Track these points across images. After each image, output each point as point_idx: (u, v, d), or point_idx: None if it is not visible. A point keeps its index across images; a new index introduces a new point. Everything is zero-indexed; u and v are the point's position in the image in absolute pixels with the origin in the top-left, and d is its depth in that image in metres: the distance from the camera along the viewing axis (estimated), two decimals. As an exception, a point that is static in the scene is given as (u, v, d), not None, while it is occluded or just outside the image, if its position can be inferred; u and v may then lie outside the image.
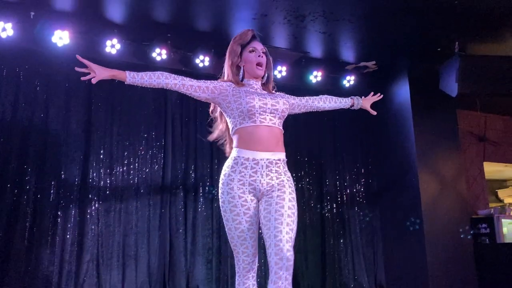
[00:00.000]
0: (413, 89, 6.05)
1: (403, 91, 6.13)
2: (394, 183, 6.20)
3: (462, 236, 5.94)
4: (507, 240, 6.36)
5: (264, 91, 2.60)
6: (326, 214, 6.19)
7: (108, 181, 5.18)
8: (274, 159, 2.44)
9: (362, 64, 6.11)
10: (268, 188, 2.41)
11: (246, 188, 2.41)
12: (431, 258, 5.60)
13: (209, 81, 2.54)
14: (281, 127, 2.55)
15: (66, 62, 5.03)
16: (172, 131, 5.58)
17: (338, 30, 5.26)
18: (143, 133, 5.41)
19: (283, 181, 2.44)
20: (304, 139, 6.28)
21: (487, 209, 6.96)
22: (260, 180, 2.40)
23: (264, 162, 2.41)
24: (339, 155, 6.46)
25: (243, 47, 2.60)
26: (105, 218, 5.06)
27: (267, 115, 2.47)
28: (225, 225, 2.49)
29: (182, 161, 5.55)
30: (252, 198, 2.43)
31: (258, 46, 2.61)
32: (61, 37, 4.82)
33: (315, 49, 5.75)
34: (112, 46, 5.07)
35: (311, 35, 5.38)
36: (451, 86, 5.46)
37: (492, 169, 8.06)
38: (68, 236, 4.88)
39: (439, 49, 5.60)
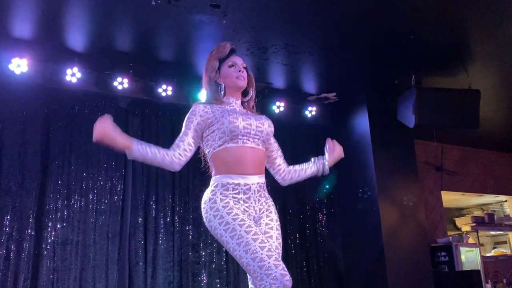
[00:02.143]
0: (372, 120, 6.20)
1: (362, 122, 6.27)
2: (356, 213, 6.26)
3: (422, 264, 6.02)
4: (465, 268, 6.50)
5: (245, 110, 2.44)
6: (290, 244, 6.16)
7: (66, 213, 5.01)
8: (261, 182, 2.30)
9: (323, 95, 6.25)
10: (260, 216, 2.27)
11: (242, 213, 2.18)
12: (393, 286, 5.64)
13: (191, 129, 2.31)
14: (263, 149, 2.39)
15: (24, 90, 4.92)
16: (132, 161, 5.47)
17: (299, 62, 5.38)
18: (102, 162, 5.29)
19: (270, 206, 2.32)
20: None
21: (445, 237, 7.13)
22: (254, 207, 2.25)
23: (255, 187, 2.25)
24: (301, 184, 6.44)
25: (221, 61, 2.43)
26: (62, 252, 4.86)
27: (250, 137, 2.29)
28: (224, 237, 2.08)
29: (142, 192, 5.43)
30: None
31: (238, 60, 2.45)
32: (19, 65, 4.72)
33: (278, 80, 5.84)
34: (73, 74, 4.99)
35: (273, 66, 5.48)
36: (409, 117, 5.64)
37: (450, 198, 8.29)
38: (21, 271, 4.65)
39: (396, 82, 5.80)
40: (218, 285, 5.54)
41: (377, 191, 5.96)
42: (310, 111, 6.35)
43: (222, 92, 2.41)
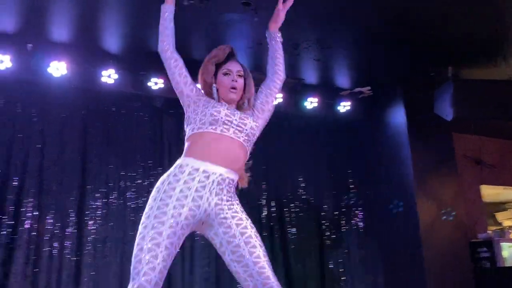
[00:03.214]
0: (409, 114, 6.07)
1: (398, 116, 6.16)
2: (392, 208, 6.17)
3: (462, 260, 5.88)
4: (507, 264, 6.30)
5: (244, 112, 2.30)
6: (325, 241, 6.13)
7: (105, 211, 5.14)
8: (228, 177, 2.09)
9: (357, 90, 6.16)
10: (217, 212, 2.04)
11: (187, 203, 1.99)
12: (432, 285, 5.53)
13: (189, 77, 2.32)
14: (247, 148, 2.21)
15: (63, 92, 5.07)
16: (168, 161, 5.56)
17: (332, 57, 5.33)
18: (139, 162, 5.40)
19: (233, 205, 2.10)
20: (299, 167, 6.27)
21: (486, 233, 6.92)
22: (208, 198, 2.02)
23: (216, 178, 2.05)
24: (336, 180, 6.44)
25: (218, 66, 2.33)
26: (102, 248, 5.00)
27: (231, 127, 2.15)
28: (141, 225, 2.01)
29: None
30: (189, 217, 1.99)
31: (234, 67, 2.32)
32: (58, 68, 4.86)
33: (310, 75, 5.80)
34: (109, 76, 5.10)
35: (305, 62, 5.44)
36: (446, 110, 5.50)
37: (490, 192, 8.04)
38: (64, 268, 4.81)
39: (433, 74, 5.66)
40: (254, 281, 5.56)
41: (414, 186, 5.85)
42: (344, 106, 6.28)
43: (216, 96, 2.30)
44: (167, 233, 1.93)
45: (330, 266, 6.03)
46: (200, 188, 2.02)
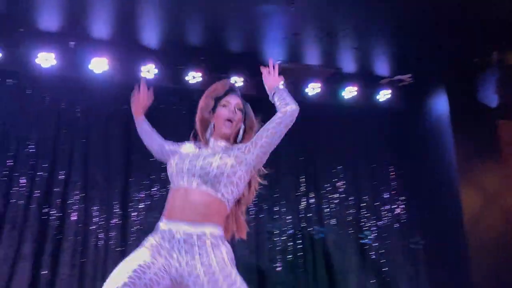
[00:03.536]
0: (451, 101, 5.89)
1: (440, 104, 5.99)
2: (435, 197, 6.03)
3: (509, 251, 5.69)
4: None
5: (224, 150, 2.15)
6: (367, 233, 6.06)
7: (148, 202, 5.27)
8: (195, 233, 1.92)
9: (397, 77, 6.03)
10: (189, 270, 1.89)
11: (161, 260, 1.91)
12: (477, 278, 5.38)
13: (169, 143, 2.42)
14: (217, 195, 2.01)
15: (105, 88, 5.21)
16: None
17: (371, 44, 5.23)
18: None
19: (211, 266, 1.88)
20: (339, 155, 6.21)
21: (535, 223, 6.66)
22: (178, 258, 1.91)
23: (180, 236, 1.92)
24: (377, 171, 6.34)
25: (217, 100, 2.26)
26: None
27: (195, 178, 2.02)
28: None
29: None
30: (163, 271, 1.90)
31: (233, 100, 2.26)
32: (99, 64, 4.99)
33: (348, 64, 5.72)
34: (148, 71, 5.20)
35: (343, 51, 5.37)
36: (490, 97, 5.33)
37: (539, 181, 7.72)
38: (110, 258, 4.97)
39: (476, 60, 5.48)
40: (295, 272, 5.59)
41: (458, 176, 5.69)
42: (384, 95, 6.16)
43: (208, 134, 2.25)
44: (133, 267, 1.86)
45: (371, 258, 5.96)
46: (170, 248, 1.93)
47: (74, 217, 4.94)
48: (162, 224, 2.03)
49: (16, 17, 4.51)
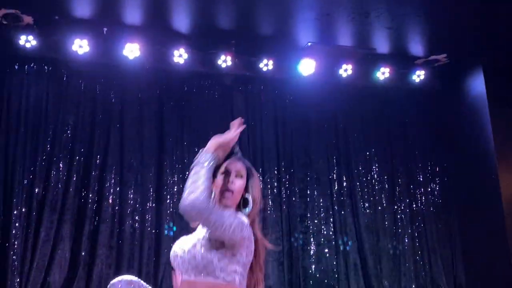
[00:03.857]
0: (488, 81, 5.70)
1: (477, 84, 5.81)
2: (472, 180, 5.89)
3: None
4: None
5: None
6: (400, 215, 5.99)
7: (181, 186, 5.36)
8: None
9: (432, 57, 5.87)
10: None
11: None
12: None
13: None
14: (207, 280, 1.85)
15: (138, 73, 5.29)
16: (239, 136, 5.65)
17: (405, 24, 5.10)
18: (211, 137, 5.53)
19: None
20: (372, 137, 6.13)
21: None
22: None
23: None
24: (411, 153, 6.23)
25: (217, 167, 2.03)
26: (180, 222, 5.23)
27: (179, 269, 1.92)
28: None
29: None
30: None
31: (233, 166, 2.04)
32: (132, 50, 5.06)
33: (382, 45, 5.60)
34: (180, 56, 5.24)
35: (376, 31, 5.26)
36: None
37: None
38: (146, 239, 5.11)
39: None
40: (327, 255, 5.59)
41: (495, 157, 5.53)
42: (418, 76, 6.02)
43: (212, 202, 1.94)
44: None
45: (405, 241, 5.89)
46: None
47: (110, 200, 5.09)
48: None
49: (51, 5, 4.61)
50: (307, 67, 5.56)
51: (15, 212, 4.73)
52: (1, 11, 4.62)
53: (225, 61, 5.37)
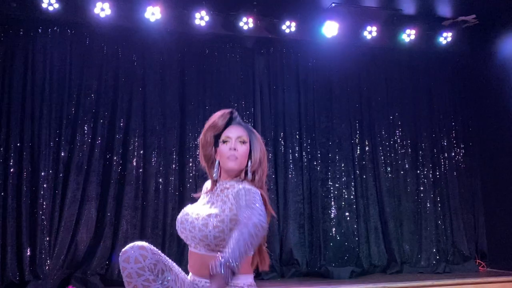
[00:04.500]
0: (519, 43, 5.52)
1: (507, 45, 5.61)
2: (498, 145, 5.78)
3: None
4: None
5: (221, 198, 1.99)
6: (422, 179, 5.95)
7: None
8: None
9: (461, 18, 5.68)
10: None
11: None
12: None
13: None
14: (214, 253, 1.87)
15: (159, 36, 5.26)
16: (260, 100, 5.65)
17: (433, -17, 4.92)
18: (233, 102, 5.54)
19: None
20: (396, 101, 6.04)
21: None
22: None
23: (203, 285, 1.96)
24: (435, 117, 6.13)
25: (218, 136, 2.05)
26: (202, 184, 5.29)
27: (189, 241, 1.98)
28: None
29: (271, 129, 5.62)
30: None
31: (234, 133, 2.03)
32: (153, 13, 5.03)
33: (408, 5, 5.45)
34: (201, 18, 5.18)
35: (402, -9, 5.10)
36: None
37: None
38: (169, 201, 5.21)
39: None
40: (348, 218, 5.63)
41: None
42: (445, 38, 5.84)
43: (215, 174, 2.05)
44: None
45: (427, 205, 5.87)
46: None
47: (134, 162, 5.18)
48: (190, 275, 2.04)
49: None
50: (330, 29, 5.45)
51: (42, 174, 4.86)
52: (23, -26, 4.63)
53: (246, 23, 5.30)
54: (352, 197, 5.71)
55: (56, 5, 4.87)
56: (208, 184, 2.15)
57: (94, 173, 5.03)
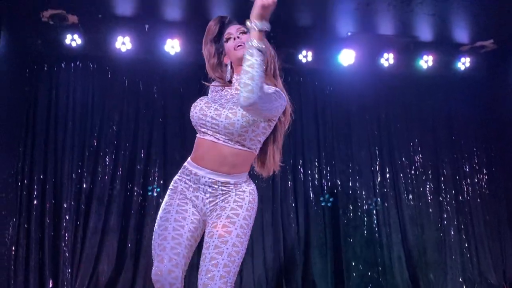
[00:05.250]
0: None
1: (527, 70, 5.58)
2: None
3: None
4: None
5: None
6: (445, 206, 5.85)
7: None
8: (219, 181, 2.00)
9: (479, 44, 5.68)
10: (211, 208, 2.01)
11: (189, 200, 2.04)
12: None
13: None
14: (235, 146, 1.98)
15: (179, 68, 5.36)
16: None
17: (449, 10, 4.95)
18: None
19: (229, 195, 1.99)
20: (415, 126, 5.99)
21: None
22: (202, 198, 2.02)
23: (206, 181, 2.01)
24: (456, 143, 6.05)
25: (217, 41, 2.16)
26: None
27: (208, 129, 2.00)
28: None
29: (290, 157, 5.61)
30: (195, 212, 2.03)
31: (233, 29, 2.14)
32: (173, 46, 5.14)
33: (425, 32, 5.46)
34: (219, 49, 5.26)
35: (419, 18, 5.13)
36: None
37: None
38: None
39: None
40: (370, 247, 5.53)
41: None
42: (463, 63, 5.83)
43: (229, 75, 2.15)
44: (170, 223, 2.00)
45: (451, 233, 5.75)
46: (196, 188, 2.03)
47: (154, 193, 5.21)
48: (189, 166, 2.06)
49: (95, 4, 4.74)
50: (347, 57, 5.49)
51: (64, 205, 4.92)
52: (48, 11, 4.80)
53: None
54: (374, 225, 5.62)
55: (79, 41, 5.03)
56: (210, 90, 2.23)
57: (115, 203, 5.07)
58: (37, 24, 4.94)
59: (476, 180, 6.00)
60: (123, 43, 5.06)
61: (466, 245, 5.76)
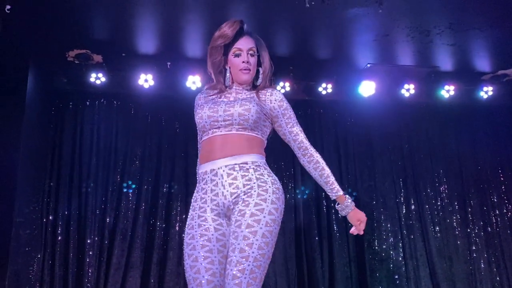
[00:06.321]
0: None
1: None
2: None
3: None
4: None
5: (245, 96, 2.10)
6: (474, 238, 5.68)
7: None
8: (236, 163, 1.97)
9: (501, 72, 5.63)
10: (234, 200, 1.94)
11: (208, 206, 1.98)
12: None
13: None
14: (245, 132, 2.02)
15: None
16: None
17: (469, 40, 4.93)
18: (273, 164, 5.55)
19: (251, 188, 1.94)
20: (439, 156, 5.90)
21: None
22: (223, 192, 1.95)
23: (224, 170, 1.97)
24: (482, 172, 5.93)
25: (227, 47, 2.08)
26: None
27: (221, 125, 2.02)
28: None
29: (312, 189, 5.56)
30: (215, 217, 1.97)
31: (245, 45, 2.09)
32: (194, 82, 5.23)
33: (445, 62, 5.45)
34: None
35: (438, 49, 5.13)
36: None
37: None
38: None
39: None
40: (397, 281, 5.38)
41: None
42: (486, 92, 5.77)
43: (228, 80, 2.12)
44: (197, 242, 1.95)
45: (481, 266, 5.56)
46: (213, 187, 1.98)
47: (177, 227, 5.20)
48: (201, 169, 2.04)
49: (118, 44, 4.89)
50: (367, 88, 5.50)
51: (88, 241, 4.95)
52: (74, 51, 4.96)
53: (283, 87, 5.41)
54: (400, 258, 5.48)
55: (103, 79, 5.16)
56: (197, 97, 2.24)
57: (138, 238, 5.08)
58: (63, 64, 5.11)
59: (505, 211, 5.84)
60: (146, 80, 5.18)
61: (498, 278, 5.56)
